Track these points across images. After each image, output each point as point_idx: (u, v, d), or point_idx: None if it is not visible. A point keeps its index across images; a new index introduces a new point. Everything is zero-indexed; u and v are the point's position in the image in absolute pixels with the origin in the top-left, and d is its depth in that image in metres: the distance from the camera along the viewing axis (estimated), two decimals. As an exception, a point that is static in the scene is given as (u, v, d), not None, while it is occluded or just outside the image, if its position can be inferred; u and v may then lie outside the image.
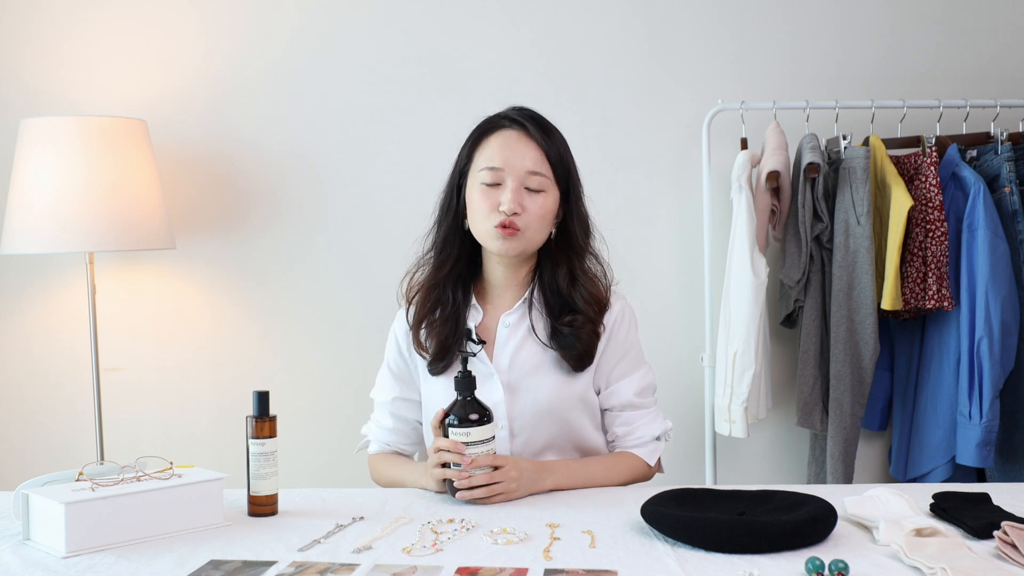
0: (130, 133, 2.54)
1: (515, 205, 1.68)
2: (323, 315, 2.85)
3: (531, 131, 1.72)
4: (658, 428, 1.82)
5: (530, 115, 1.76)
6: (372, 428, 1.89)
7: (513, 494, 1.59)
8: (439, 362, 1.76)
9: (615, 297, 1.82)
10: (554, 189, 1.74)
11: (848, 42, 2.85)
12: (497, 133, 1.74)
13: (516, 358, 1.75)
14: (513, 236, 1.69)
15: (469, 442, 1.56)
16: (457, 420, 1.58)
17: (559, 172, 1.74)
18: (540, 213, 1.71)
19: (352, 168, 2.85)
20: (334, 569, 1.26)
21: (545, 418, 1.73)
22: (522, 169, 1.70)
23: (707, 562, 1.26)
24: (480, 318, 1.79)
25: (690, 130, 2.83)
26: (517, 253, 1.73)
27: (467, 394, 1.59)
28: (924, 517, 1.42)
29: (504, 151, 1.71)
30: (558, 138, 1.76)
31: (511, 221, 1.68)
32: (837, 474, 2.57)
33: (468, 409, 1.58)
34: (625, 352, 1.81)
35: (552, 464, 1.70)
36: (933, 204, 2.53)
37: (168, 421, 2.87)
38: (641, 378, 1.83)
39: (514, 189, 1.69)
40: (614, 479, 1.75)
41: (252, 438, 1.53)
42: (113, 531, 1.37)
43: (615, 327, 1.79)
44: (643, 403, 1.82)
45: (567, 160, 1.76)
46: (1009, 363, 2.51)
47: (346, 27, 2.84)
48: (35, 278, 2.83)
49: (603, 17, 2.84)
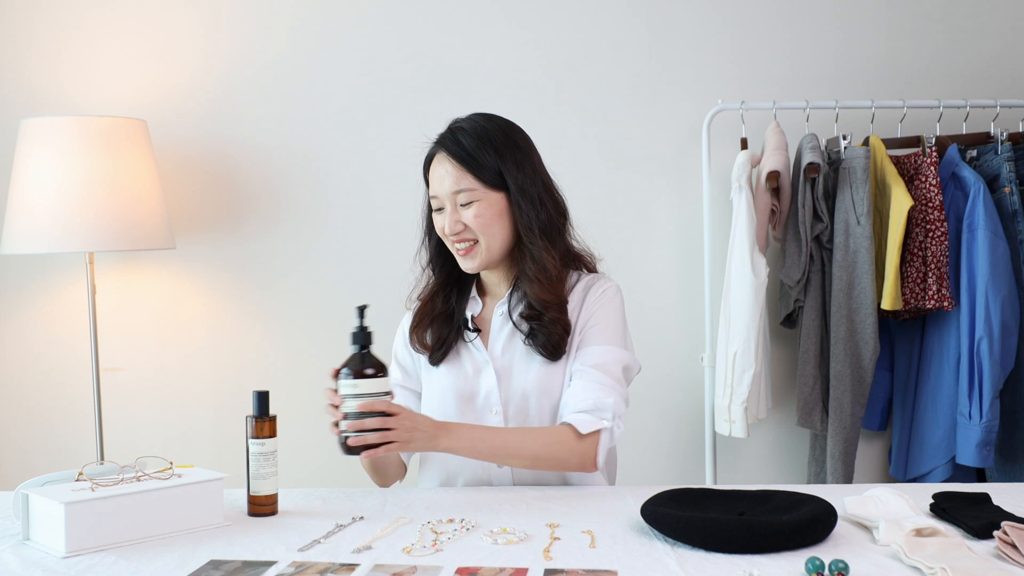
0: (130, 133, 2.54)
1: (454, 225, 1.72)
2: (323, 315, 2.85)
3: (445, 150, 1.74)
4: (607, 400, 1.68)
5: (447, 133, 1.77)
6: None
7: (407, 445, 1.54)
8: (437, 351, 1.80)
9: (601, 279, 1.82)
10: (489, 192, 1.73)
11: (848, 42, 2.85)
12: (433, 159, 1.77)
13: (508, 345, 1.78)
14: (470, 253, 1.75)
15: (358, 394, 1.51)
16: (351, 372, 1.52)
17: (486, 175, 1.72)
18: (480, 223, 1.72)
19: (352, 168, 2.85)
20: (334, 569, 1.26)
21: (535, 403, 1.75)
22: (448, 191, 1.73)
23: (707, 562, 1.26)
24: (479, 309, 1.84)
25: (690, 130, 2.83)
26: (483, 267, 1.77)
27: (361, 347, 1.55)
28: (924, 517, 1.42)
29: (434, 178, 1.76)
30: (474, 140, 1.73)
31: (461, 239, 1.74)
32: (837, 474, 2.57)
33: (363, 363, 1.53)
34: (595, 324, 1.76)
35: (453, 425, 1.64)
36: (933, 204, 2.53)
37: (168, 421, 2.87)
38: (604, 352, 1.73)
39: (449, 211, 1.73)
40: (532, 450, 1.65)
41: (252, 438, 1.53)
42: (113, 531, 1.37)
43: (596, 302, 1.77)
44: (596, 375, 1.71)
45: (489, 161, 1.72)
46: (1009, 363, 2.51)
47: (346, 27, 2.84)
48: (35, 278, 2.83)
49: (603, 17, 2.84)
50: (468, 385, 1.78)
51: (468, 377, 1.79)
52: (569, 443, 1.66)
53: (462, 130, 1.76)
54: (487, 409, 1.77)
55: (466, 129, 1.75)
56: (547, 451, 1.66)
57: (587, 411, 1.68)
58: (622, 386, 1.74)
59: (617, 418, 1.70)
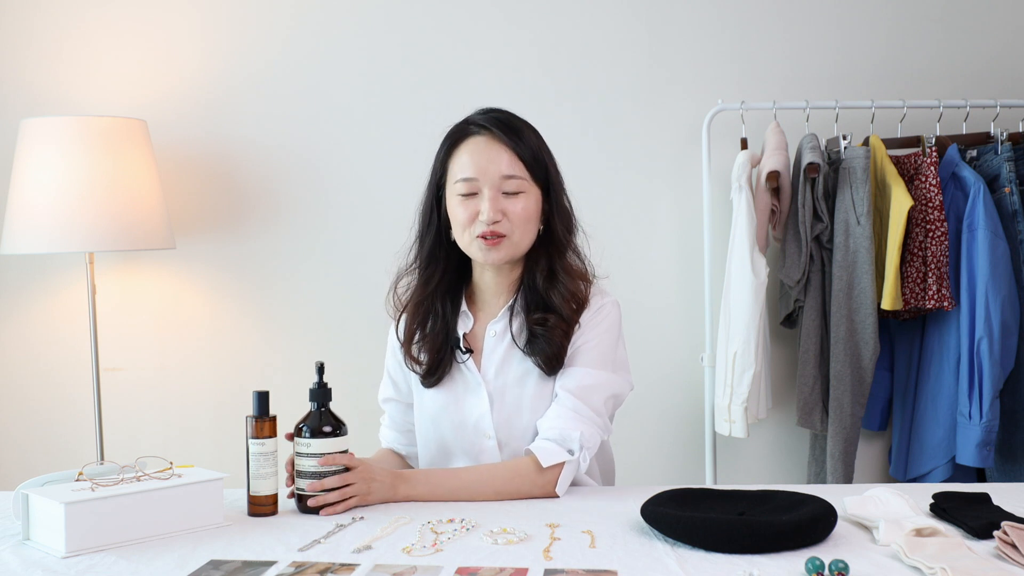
0: (130, 133, 2.54)
1: (495, 213, 1.65)
2: (323, 315, 2.86)
3: (499, 134, 1.67)
4: (573, 433, 1.63)
5: (496, 117, 1.71)
6: (382, 431, 1.92)
7: (366, 497, 1.55)
8: (431, 376, 1.75)
9: (601, 296, 1.76)
10: (534, 188, 1.70)
11: (848, 42, 2.85)
12: (467, 141, 1.69)
13: (502, 368, 1.73)
14: (497, 245, 1.67)
15: (315, 453, 1.53)
16: (310, 431, 1.55)
17: (535, 170, 1.69)
18: (524, 216, 1.67)
19: (352, 168, 2.85)
20: (334, 569, 1.26)
21: (530, 429, 1.70)
22: (496, 175, 1.66)
23: (707, 562, 1.26)
24: (470, 325, 1.77)
25: (690, 130, 2.83)
26: (505, 260, 1.70)
27: (319, 406, 1.57)
28: (924, 517, 1.42)
29: (476, 159, 1.67)
30: (529, 135, 1.71)
31: (493, 231, 1.66)
32: (837, 474, 2.57)
33: (321, 421, 1.55)
34: (584, 343, 1.70)
35: (408, 473, 1.62)
36: (933, 204, 2.53)
37: (168, 421, 2.87)
38: (587, 376, 1.67)
39: (491, 197, 1.66)
40: (493, 487, 1.61)
41: (252, 438, 1.53)
42: (113, 531, 1.37)
43: (589, 322, 1.72)
44: (572, 402, 1.66)
45: (542, 156, 1.71)
46: (1009, 363, 2.51)
47: (346, 27, 2.84)
48: (35, 278, 2.83)
49: (603, 17, 2.84)
50: (460, 409, 1.74)
51: (460, 400, 1.74)
52: (531, 476, 1.62)
53: (513, 121, 1.70)
54: (481, 434, 1.72)
55: (516, 122, 1.71)
56: (508, 487, 1.61)
57: (553, 440, 1.64)
58: (599, 415, 1.68)
59: (585, 449, 1.64)
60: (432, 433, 1.78)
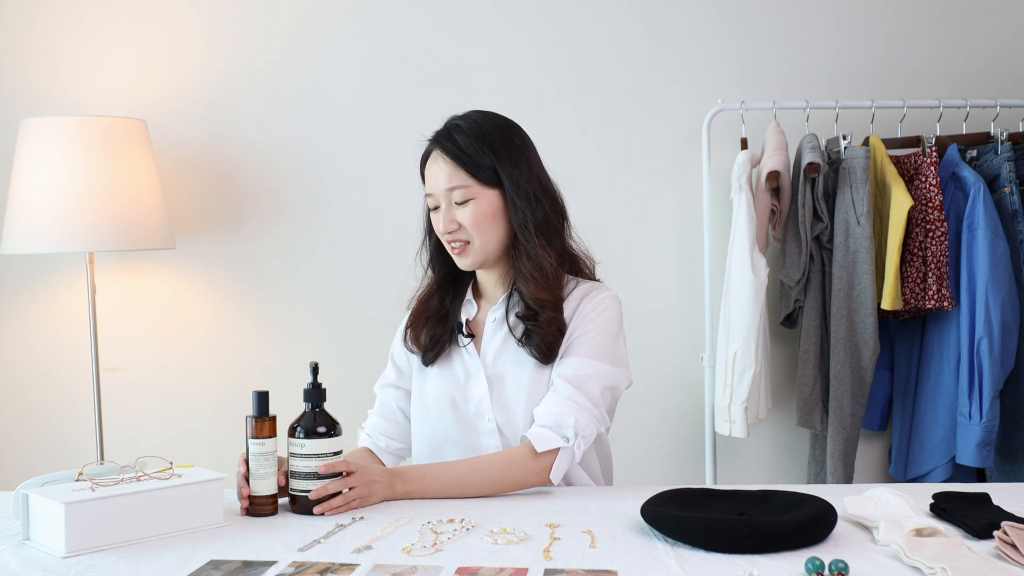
0: (130, 133, 2.54)
1: (448, 224, 1.72)
2: (323, 315, 2.86)
3: (440, 147, 1.74)
4: (568, 420, 1.64)
5: (442, 129, 1.76)
6: (368, 419, 1.92)
7: (367, 499, 1.56)
8: (430, 352, 1.80)
9: (599, 288, 1.78)
10: (485, 191, 1.72)
11: (848, 42, 2.85)
12: (429, 157, 1.77)
13: (500, 353, 1.76)
14: (463, 253, 1.74)
15: (310, 454, 1.54)
16: (303, 432, 1.55)
17: (481, 172, 1.71)
18: (475, 222, 1.71)
19: (352, 168, 2.85)
20: (334, 569, 1.26)
21: (527, 415, 1.72)
22: (442, 189, 1.72)
23: (707, 562, 1.26)
24: (474, 312, 1.82)
25: (690, 130, 2.83)
26: (479, 265, 1.76)
27: (314, 406, 1.58)
28: (924, 517, 1.42)
29: (429, 175, 1.76)
30: (469, 139, 1.71)
31: (453, 239, 1.73)
32: (837, 474, 2.57)
33: (315, 421, 1.56)
34: (583, 334, 1.71)
35: (404, 470, 1.64)
36: (933, 204, 2.53)
37: (168, 421, 2.87)
38: (584, 366, 1.69)
39: (445, 209, 1.72)
40: (489, 477, 1.62)
41: (252, 438, 1.53)
42: (113, 531, 1.37)
43: (589, 313, 1.73)
44: (568, 390, 1.67)
45: (484, 158, 1.71)
46: (1009, 363, 2.51)
47: (346, 27, 2.84)
48: (35, 278, 2.83)
49: (603, 17, 2.84)
50: (460, 391, 1.77)
51: (459, 383, 1.77)
52: (525, 463, 1.63)
53: (457, 127, 1.75)
54: (480, 416, 1.75)
55: (461, 126, 1.75)
56: (503, 475, 1.63)
57: (548, 427, 1.65)
58: (595, 405, 1.68)
59: (580, 437, 1.64)
60: (427, 422, 1.79)
